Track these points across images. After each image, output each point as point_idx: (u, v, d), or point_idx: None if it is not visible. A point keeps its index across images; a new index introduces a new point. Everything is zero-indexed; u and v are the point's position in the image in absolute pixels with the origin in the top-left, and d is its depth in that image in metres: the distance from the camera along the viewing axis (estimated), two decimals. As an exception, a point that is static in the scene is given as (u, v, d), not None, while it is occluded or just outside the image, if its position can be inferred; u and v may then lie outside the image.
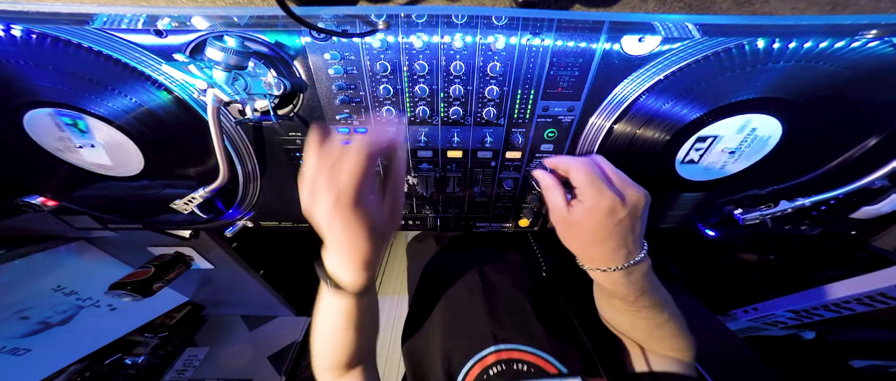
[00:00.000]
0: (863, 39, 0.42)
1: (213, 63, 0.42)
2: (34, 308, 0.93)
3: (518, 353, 0.53)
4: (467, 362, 0.53)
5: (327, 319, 0.46)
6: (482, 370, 0.52)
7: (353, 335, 0.46)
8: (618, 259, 0.41)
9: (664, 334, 0.49)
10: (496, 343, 0.54)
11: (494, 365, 0.52)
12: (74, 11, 0.42)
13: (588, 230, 0.41)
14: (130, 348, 1.26)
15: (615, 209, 0.39)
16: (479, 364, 0.53)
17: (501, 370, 0.51)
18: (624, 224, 0.40)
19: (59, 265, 0.94)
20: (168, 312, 1.36)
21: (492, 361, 0.52)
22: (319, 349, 0.50)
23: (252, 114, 0.50)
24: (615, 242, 0.40)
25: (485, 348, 0.54)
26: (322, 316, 0.47)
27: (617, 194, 0.40)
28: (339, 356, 0.49)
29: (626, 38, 0.45)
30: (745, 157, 0.57)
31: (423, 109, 0.53)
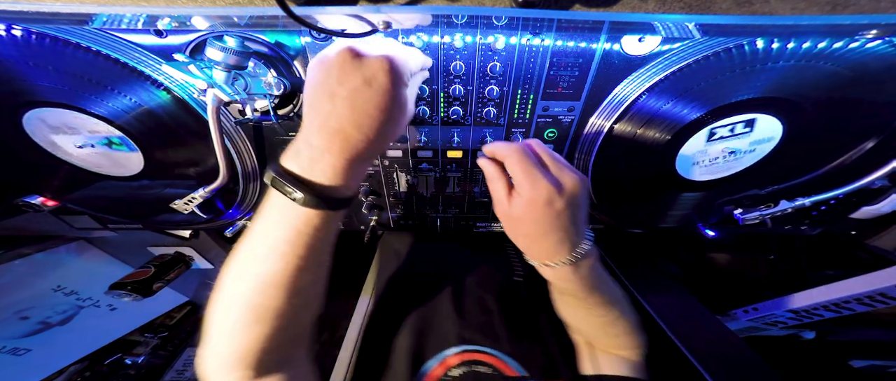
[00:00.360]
0: (863, 39, 0.42)
1: (213, 63, 0.42)
2: (34, 308, 0.93)
3: (481, 355, 0.53)
4: (430, 360, 0.53)
5: (263, 257, 0.33)
6: (445, 369, 0.52)
7: (297, 285, 0.34)
8: (563, 253, 0.38)
9: (615, 331, 0.49)
10: (461, 344, 0.54)
11: (458, 366, 0.52)
12: (74, 11, 0.42)
13: (529, 224, 0.38)
14: (130, 348, 1.26)
15: (553, 200, 0.35)
16: (443, 364, 0.52)
17: (464, 371, 0.51)
18: (564, 215, 0.36)
19: (59, 265, 0.94)
20: (168, 312, 1.36)
21: (455, 362, 0.52)
22: (233, 322, 0.34)
23: (252, 114, 0.50)
24: (558, 235, 0.37)
25: (449, 347, 0.54)
26: (253, 255, 0.34)
27: (553, 183, 0.36)
28: (262, 331, 0.34)
29: (626, 38, 0.45)
30: (746, 156, 0.57)
31: (423, 109, 0.53)
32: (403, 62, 0.34)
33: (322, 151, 0.31)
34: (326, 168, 0.32)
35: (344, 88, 0.31)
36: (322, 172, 0.32)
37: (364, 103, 0.31)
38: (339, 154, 0.31)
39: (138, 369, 1.23)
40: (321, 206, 0.32)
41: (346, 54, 0.31)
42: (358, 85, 0.31)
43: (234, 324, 0.34)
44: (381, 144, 0.34)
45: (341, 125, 0.31)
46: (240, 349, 0.34)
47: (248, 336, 0.34)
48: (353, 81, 0.31)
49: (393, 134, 0.35)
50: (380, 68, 0.31)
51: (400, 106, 0.33)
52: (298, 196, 0.31)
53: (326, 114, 0.31)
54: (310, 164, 0.32)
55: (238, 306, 0.34)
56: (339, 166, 0.32)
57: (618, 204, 0.68)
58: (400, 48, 0.39)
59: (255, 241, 0.34)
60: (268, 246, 0.33)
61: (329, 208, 0.32)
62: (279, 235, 0.33)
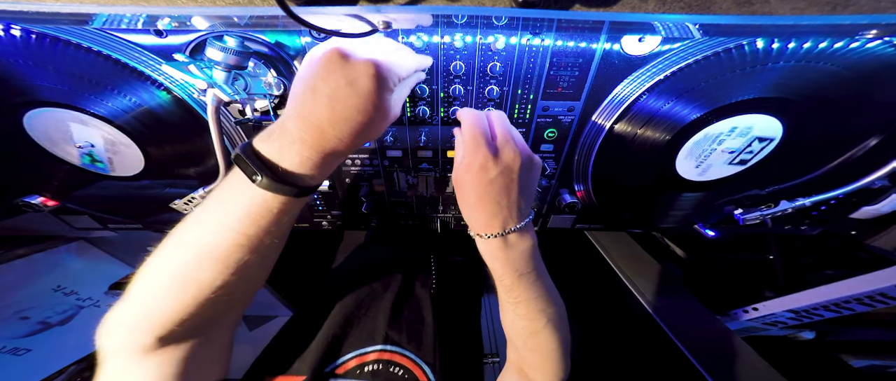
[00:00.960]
0: (863, 39, 0.42)
1: (213, 63, 0.42)
2: (34, 308, 0.93)
3: (401, 357, 0.53)
4: (349, 352, 0.53)
5: (212, 228, 0.32)
6: (360, 363, 0.51)
7: (238, 264, 0.33)
8: (494, 225, 0.38)
9: (537, 346, 0.45)
10: (385, 343, 0.54)
11: (373, 362, 0.51)
12: (74, 11, 0.42)
13: (465, 189, 0.38)
14: (130, 348, 1.26)
15: (487, 167, 0.36)
16: (359, 358, 0.52)
17: (378, 368, 0.50)
18: (496, 184, 0.37)
19: (59, 265, 0.94)
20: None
21: (373, 358, 0.52)
22: (161, 284, 0.33)
23: (252, 114, 0.50)
24: (490, 206, 0.37)
25: (372, 344, 0.54)
26: (201, 224, 0.33)
27: (491, 151, 0.37)
28: (188, 300, 0.33)
29: (626, 38, 0.45)
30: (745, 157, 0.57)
31: (423, 109, 0.53)
32: (390, 67, 0.34)
33: (295, 139, 0.32)
34: (295, 156, 0.32)
35: (327, 85, 0.31)
36: (290, 160, 0.32)
37: (343, 104, 0.31)
38: (311, 146, 0.32)
39: (138, 369, 1.23)
40: (281, 191, 0.32)
41: (334, 54, 0.31)
42: (340, 85, 0.31)
43: (155, 288, 0.34)
44: (354, 143, 0.34)
45: (318, 121, 0.31)
46: (152, 314, 0.33)
47: (165, 302, 0.33)
48: (336, 80, 0.31)
49: (369, 136, 0.35)
50: (364, 72, 0.31)
51: (380, 110, 0.34)
52: (259, 178, 0.31)
53: (307, 107, 0.32)
54: (280, 148, 0.32)
55: (166, 272, 0.33)
56: (309, 157, 0.32)
57: (618, 204, 0.68)
58: (393, 51, 0.38)
59: (206, 212, 0.34)
60: (218, 219, 0.33)
61: (289, 194, 0.32)
62: (232, 210, 0.32)
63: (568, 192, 0.66)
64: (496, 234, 0.39)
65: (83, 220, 0.74)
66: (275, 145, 0.32)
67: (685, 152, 0.56)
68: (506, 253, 0.40)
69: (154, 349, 0.34)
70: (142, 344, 0.34)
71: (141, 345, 0.34)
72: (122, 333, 0.34)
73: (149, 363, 0.35)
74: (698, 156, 0.57)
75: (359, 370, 0.50)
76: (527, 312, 0.44)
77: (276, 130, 0.33)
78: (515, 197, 0.38)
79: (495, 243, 0.39)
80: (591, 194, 0.65)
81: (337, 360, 0.51)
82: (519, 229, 0.39)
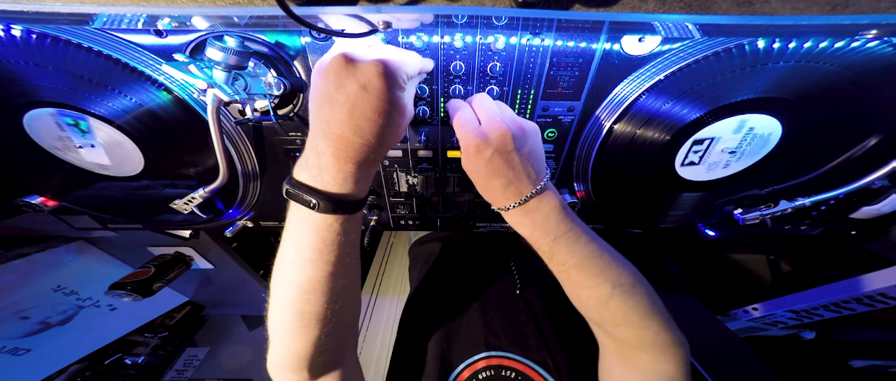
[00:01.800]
0: (863, 39, 0.42)
1: (213, 63, 0.42)
2: (34, 308, 0.93)
3: (508, 361, 0.54)
4: (459, 364, 0.54)
5: (298, 265, 0.35)
6: (472, 373, 0.53)
7: (335, 284, 0.35)
8: (510, 196, 0.40)
9: (616, 317, 0.40)
10: (488, 350, 0.55)
11: (484, 370, 0.53)
12: (74, 11, 0.42)
13: (473, 173, 0.41)
14: (130, 348, 1.26)
15: (481, 149, 0.38)
16: (470, 368, 0.54)
17: (490, 374, 0.52)
18: (495, 162, 0.38)
19: (59, 265, 0.94)
20: (168, 312, 1.36)
21: (482, 366, 0.53)
22: (288, 326, 0.37)
23: (252, 114, 0.50)
24: (498, 181, 0.39)
25: (477, 352, 0.55)
26: (289, 264, 0.35)
27: (479, 135, 0.38)
28: (314, 332, 0.36)
29: (626, 38, 0.45)
30: (745, 157, 0.57)
31: (423, 109, 0.53)
32: (398, 65, 0.34)
33: (328, 157, 0.32)
34: (336, 175, 0.33)
35: (341, 93, 0.31)
36: (333, 180, 0.33)
37: (362, 108, 0.31)
38: (344, 160, 0.32)
39: (138, 369, 1.23)
40: (337, 211, 0.33)
41: (341, 60, 0.32)
42: (354, 90, 0.31)
43: (285, 329, 0.37)
44: (382, 147, 0.35)
45: (342, 131, 0.32)
46: (295, 353, 0.37)
47: (300, 341, 0.37)
48: (350, 86, 0.31)
49: (393, 137, 0.36)
50: (374, 73, 0.31)
51: (398, 109, 0.34)
52: (317, 204, 0.32)
53: (327, 120, 0.32)
54: (318, 172, 0.33)
55: (285, 313, 0.36)
56: (347, 171, 0.33)
57: (618, 204, 0.68)
58: (396, 52, 0.38)
59: (286, 251, 0.36)
60: (298, 255, 0.35)
61: (345, 212, 0.34)
62: (306, 243, 0.34)
63: (568, 192, 0.66)
64: (514, 204, 0.40)
65: (83, 220, 0.74)
66: (314, 170, 0.33)
67: (685, 152, 0.56)
68: (531, 219, 0.40)
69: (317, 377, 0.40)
70: (300, 379, 0.39)
71: (300, 379, 0.39)
72: (282, 374, 0.39)
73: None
74: (698, 156, 0.57)
75: (474, 379, 0.51)
76: (583, 278, 0.41)
77: (310, 154, 0.34)
78: (520, 166, 0.39)
79: (517, 212, 0.40)
80: (591, 194, 0.65)
81: (452, 373, 0.53)
82: (536, 193, 0.40)
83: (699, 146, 0.55)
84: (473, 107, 0.42)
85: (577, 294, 0.44)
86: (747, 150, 0.56)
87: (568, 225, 0.41)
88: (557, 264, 0.42)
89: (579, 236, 0.42)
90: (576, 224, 0.42)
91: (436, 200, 0.69)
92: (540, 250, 0.43)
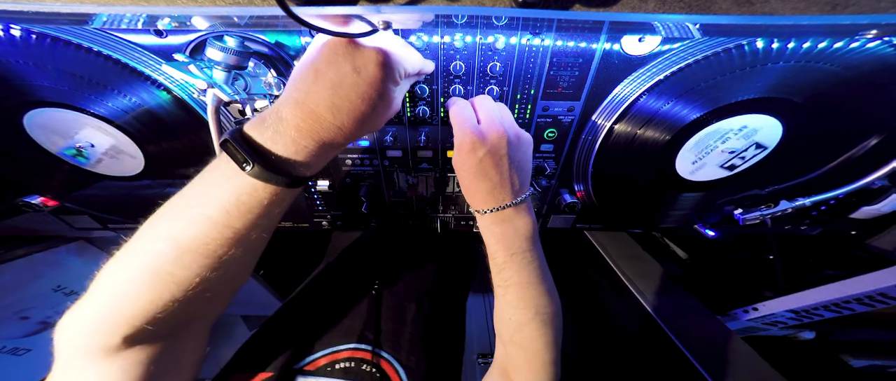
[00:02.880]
0: (863, 39, 0.42)
1: (213, 63, 0.42)
2: (34, 308, 0.93)
3: (375, 357, 0.53)
4: (321, 349, 0.52)
5: (191, 219, 0.29)
6: (331, 361, 0.51)
7: (219, 259, 0.30)
8: (490, 201, 0.40)
9: (523, 341, 0.43)
10: (358, 342, 0.54)
11: (345, 360, 0.51)
12: (74, 11, 0.42)
13: (459, 171, 0.40)
14: (130, 348, 1.26)
15: (474, 148, 0.38)
16: (331, 356, 0.52)
17: (349, 366, 0.50)
18: (486, 163, 0.38)
19: (59, 265, 0.94)
20: (168, 312, 1.36)
21: (345, 356, 0.52)
22: (130, 279, 0.29)
23: (252, 114, 0.50)
24: (484, 182, 0.39)
25: (346, 343, 0.54)
26: (178, 214, 0.30)
27: (477, 134, 0.38)
28: (158, 300, 0.29)
29: (626, 38, 0.45)
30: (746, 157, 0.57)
31: (423, 109, 0.53)
32: (398, 60, 0.34)
33: (290, 126, 0.30)
34: (290, 144, 0.30)
35: (331, 69, 0.30)
36: (285, 147, 0.30)
37: (347, 90, 0.30)
38: (307, 133, 0.30)
39: (138, 369, 1.23)
40: (273, 181, 0.29)
41: (343, 39, 0.31)
42: (346, 70, 0.30)
43: (126, 284, 0.29)
44: (355, 134, 0.33)
45: (317, 106, 0.30)
46: (119, 312, 0.29)
47: (136, 301, 0.29)
48: (343, 65, 0.30)
49: (371, 126, 0.34)
50: (372, 59, 0.31)
51: (384, 100, 0.33)
52: (250, 165, 0.28)
53: (306, 91, 0.30)
54: (273, 134, 0.30)
55: (139, 266, 0.29)
56: (305, 146, 0.30)
57: (618, 204, 0.68)
58: (400, 46, 0.38)
59: (187, 201, 0.30)
60: (201, 210, 0.29)
61: (281, 184, 0.30)
62: (218, 200, 0.29)
63: (568, 192, 0.66)
64: (492, 209, 0.40)
65: (83, 220, 0.74)
66: (268, 132, 0.30)
67: (685, 152, 0.56)
68: (502, 228, 0.41)
69: (118, 350, 0.30)
70: (104, 345, 0.30)
71: (103, 346, 0.30)
72: (82, 332, 0.30)
73: (109, 366, 0.30)
74: (698, 156, 0.57)
75: (329, 368, 0.50)
76: (516, 299, 0.43)
77: (270, 115, 0.30)
78: (507, 173, 0.39)
79: (491, 217, 0.41)
80: (591, 193, 0.65)
81: (307, 357, 0.51)
82: (515, 205, 0.40)
83: (700, 145, 0.55)
84: (475, 106, 0.43)
85: (502, 312, 0.46)
86: (747, 150, 0.56)
87: (529, 245, 0.42)
88: (502, 279, 0.43)
89: (533, 259, 0.43)
90: (535, 247, 0.43)
91: (436, 200, 0.69)
92: (493, 260, 0.43)
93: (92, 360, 0.30)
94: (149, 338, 0.31)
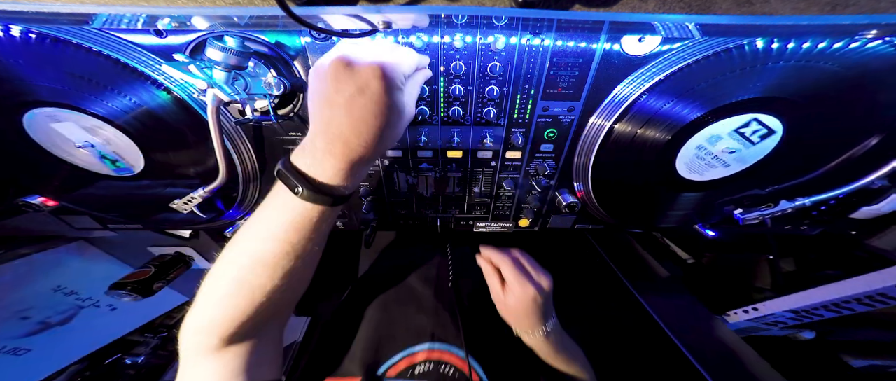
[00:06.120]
0: (863, 39, 0.42)
1: (213, 63, 0.42)
2: (34, 308, 0.93)
3: (450, 355, 0.52)
4: (396, 354, 0.52)
5: (261, 239, 0.36)
6: (410, 365, 0.51)
7: (288, 269, 0.36)
8: (539, 326, 0.54)
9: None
10: (432, 341, 0.54)
11: (423, 363, 0.51)
12: (74, 11, 0.42)
13: (519, 312, 0.54)
14: (130, 348, 1.25)
15: (537, 298, 0.52)
16: (408, 359, 0.52)
17: (428, 369, 0.50)
18: (540, 304, 0.52)
19: (59, 265, 0.94)
20: (168, 312, 1.36)
21: (422, 358, 0.52)
22: (220, 291, 0.37)
23: (252, 114, 0.50)
24: (536, 316, 0.53)
25: (420, 343, 0.54)
26: (251, 236, 0.36)
27: (535, 286, 0.52)
28: (245, 305, 0.36)
29: (626, 38, 0.45)
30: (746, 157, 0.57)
31: (423, 109, 0.53)
32: (395, 66, 0.34)
33: (324, 153, 0.34)
34: (328, 169, 0.34)
35: (340, 96, 0.32)
36: (324, 172, 0.34)
37: (360, 111, 0.32)
38: (340, 157, 0.34)
39: (138, 369, 1.23)
40: (319, 201, 0.34)
41: (339, 63, 0.32)
42: (352, 93, 0.32)
43: (215, 291, 0.37)
44: (381, 148, 0.36)
45: (341, 131, 0.33)
46: (215, 317, 0.37)
47: (226, 306, 0.37)
48: (348, 89, 0.32)
49: (392, 137, 0.36)
50: (372, 75, 0.32)
51: (396, 111, 0.35)
52: (300, 190, 0.34)
53: (327, 120, 0.33)
54: (313, 162, 0.34)
55: (226, 278, 0.37)
56: (340, 168, 0.34)
57: (618, 204, 0.68)
58: (392, 51, 0.38)
59: (256, 223, 0.37)
60: (266, 229, 0.36)
61: (326, 204, 0.35)
62: (278, 221, 0.35)
63: (568, 192, 0.66)
64: (541, 333, 0.54)
65: (83, 220, 0.74)
66: (308, 160, 0.34)
67: (685, 152, 0.56)
68: (548, 339, 0.55)
69: (219, 348, 0.38)
70: (208, 344, 0.37)
71: (207, 345, 0.38)
72: (192, 335, 0.38)
73: (216, 361, 0.38)
74: (698, 156, 0.57)
75: (409, 372, 0.50)
76: (566, 370, 0.56)
77: (308, 145, 0.35)
78: (550, 306, 0.56)
79: (539, 337, 0.54)
80: (591, 193, 0.65)
81: (387, 361, 0.52)
82: (555, 324, 0.56)
83: (700, 146, 0.55)
84: (521, 261, 0.56)
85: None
86: (746, 150, 0.56)
87: (566, 339, 0.59)
88: (556, 362, 0.57)
89: (570, 345, 0.59)
90: (565, 338, 0.59)
91: (436, 199, 0.69)
92: (543, 355, 0.56)
93: (203, 357, 0.38)
94: (241, 338, 0.39)
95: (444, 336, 0.55)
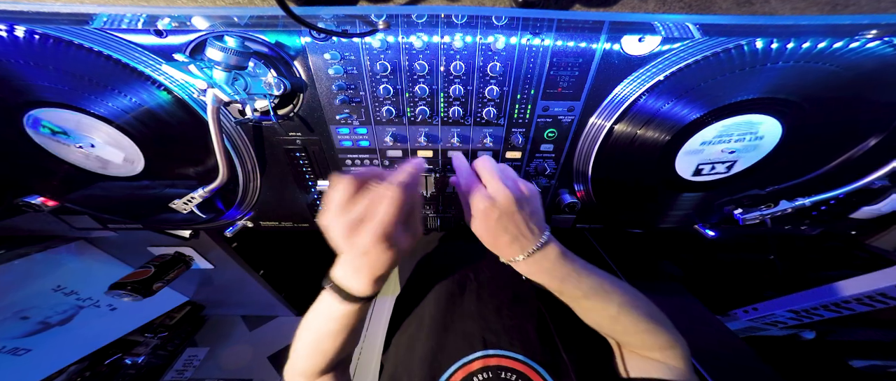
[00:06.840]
0: (862, 39, 0.42)
1: (213, 63, 0.42)
2: (34, 308, 0.93)
3: (507, 360, 0.50)
4: (452, 365, 0.51)
5: (321, 323, 0.48)
6: (467, 374, 0.49)
7: (343, 339, 0.49)
8: (516, 250, 0.45)
9: (626, 329, 0.49)
10: (485, 348, 0.52)
11: (480, 371, 0.49)
12: (74, 11, 0.42)
13: (482, 232, 0.46)
14: (130, 348, 1.26)
15: (488, 212, 0.43)
16: (465, 369, 0.50)
17: (487, 377, 0.49)
18: (502, 222, 0.43)
19: (59, 265, 0.94)
20: (168, 312, 1.36)
21: (478, 366, 0.50)
22: (303, 353, 0.51)
23: (252, 114, 0.50)
24: (505, 238, 0.44)
25: (472, 351, 0.52)
26: (315, 320, 0.49)
27: (487, 199, 0.43)
28: (321, 360, 0.50)
29: (626, 38, 0.45)
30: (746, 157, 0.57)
31: (423, 109, 0.53)
32: (386, 221, 0.38)
33: (355, 274, 0.42)
34: (359, 285, 0.43)
35: (352, 255, 0.41)
36: (356, 286, 0.43)
37: (372, 262, 0.40)
38: (364, 277, 0.42)
39: (138, 369, 1.23)
40: (355, 302, 0.44)
41: (343, 232, 0.39)
42: (358, 255, 0.40)
43: (302, 350, 0.51)
44: (395, 264, 0.42)
45: (362, 269, 0.41)
46: (305, 368, 0.51)
47: (311, 361, 0.51)
48: (354, 252, 0.40)
49: (405, 254, 0.43)
50: (368, 240, 0.38)
51: (400, 247, 0.41)
52: (340, 296, 0.44)
53: (350, 260, 0.42)
54: (346, 280, 0.43)
55: (306, 343, 0.50)
56: (367, 283, 0.42)
57: (618, 204, 0.68)
58: (379, 203, 0.38)
59: (315, 314, 0.48)
60: (321, 316, 0.47)
61: (359, 303, 0.44)
62: (327, 313, 0.46)
63: (568, 192, 0.66)
64: (521, 256, 0.45)
65: (83, 220, 0.74)
66: (345, 280, 0.44)
67: (685, 152, 0.56)
68: (539, 266, 0.46)
69: (316, 379, 0.53)
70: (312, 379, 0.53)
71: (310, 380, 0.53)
72: (295, 376, 0.52)
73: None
74: (698, 156, 0.57)
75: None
76: (592, 304, 0.48)
77: (346, 264, 0.43)
78: (524, 226, 0.44)
79: (524, 264, 0.45)
80: (591, 193, 0.65)
81: (443, 375, 0.50)
82: (539, 248, 0.45)
83: (700, 146, 0.55)
84: (477, 171, 0.47)
85: (588, 317, 0.50)
86: (747, 150, 0.56)
87: (571, 267, 0.47)
88: (568, 299, 0.49)
89: (581, 273, 0.47)
90: (577, 265, 0.48)
91: (436, 199, 0.69)
92: (550, 288, 0.48)
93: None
94: (323, 372, 0.52)
95: (495, 341, 0.53)
